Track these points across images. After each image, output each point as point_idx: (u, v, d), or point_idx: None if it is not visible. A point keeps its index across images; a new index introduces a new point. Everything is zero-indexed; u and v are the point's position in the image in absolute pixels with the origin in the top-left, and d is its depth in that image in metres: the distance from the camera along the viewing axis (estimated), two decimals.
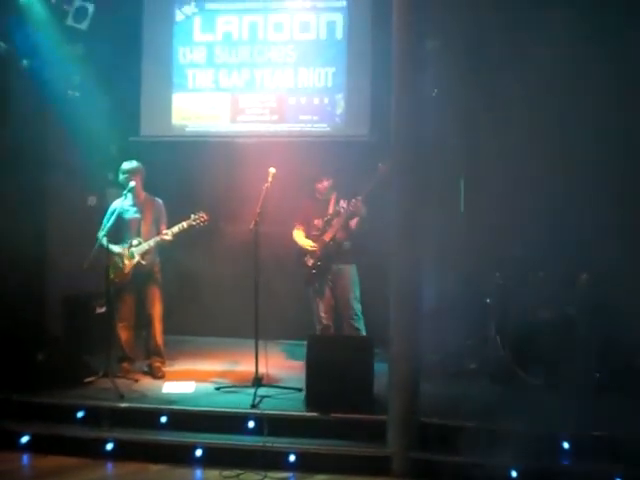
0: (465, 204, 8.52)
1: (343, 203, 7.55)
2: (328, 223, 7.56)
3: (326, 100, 9.00)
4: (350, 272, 7.62)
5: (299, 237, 7.67)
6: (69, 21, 8.29)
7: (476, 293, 8.01)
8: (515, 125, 7.97)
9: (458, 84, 8.36)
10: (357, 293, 7.65)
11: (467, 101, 8.44)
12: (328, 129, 8.99)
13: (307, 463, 5.82)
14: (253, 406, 6.27)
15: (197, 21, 9.23)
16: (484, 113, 8.20)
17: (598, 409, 6.29)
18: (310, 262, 7.55)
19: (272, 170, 6.93)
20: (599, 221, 7.58)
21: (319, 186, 7.69)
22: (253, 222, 6.73)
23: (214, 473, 5.74)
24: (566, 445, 5.73)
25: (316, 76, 9.01)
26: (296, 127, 9.04)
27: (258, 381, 6.66)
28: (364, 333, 7.47)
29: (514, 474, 5.55)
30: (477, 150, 8.37)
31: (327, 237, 7.52)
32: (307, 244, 7.58)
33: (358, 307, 7.63)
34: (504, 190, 7.81)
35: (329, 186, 7.69)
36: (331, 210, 7.64)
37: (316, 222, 7.63)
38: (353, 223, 7.48)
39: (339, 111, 8.97)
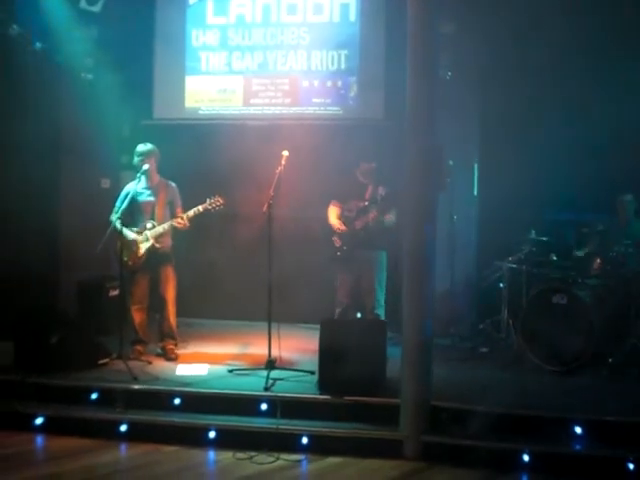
0: (479, 188, 8.51)
1: (382, 190, 7.48)
2: (364, 211, 7.50)
3: (339, 83, 8.97)
4: (377, 259, 7.58)
5: (332, 215, 7.63)
6: (82, 4, 8.30)
7: (489, 278, 8.02)
8: (531, 112, 7.95)
9: (473, 68, 8.35)
10: (383, 281, 7.62)
11: (482, 86, 8.43)
12: (341, 112, 8.96)
13: (319, 445, 5.84)
14: (266, 389, 6.28)
15: (210, 4, 9.21)
16: (499, 99, 8.19)
17: (610, 394, 6.28)
18: (338, 243, 7.53)
19: (285, 153, 6.89)
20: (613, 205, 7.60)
21: (365, 166, 7.62)
22: (266, 205, 6.72)
23: (227, 455, 5.77)
24: (578, 430, 5.70)
25: (329, 59, 8.98)
26: (309, 110, 9.02)
27: (271, 364, 6.67)
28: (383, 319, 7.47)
29: (526, 458, 5.54)
30: (492, 135, 8.35)
31: (358, 225, 7.48)
32: (336, 224, 7.55)
33: (381, 295, 7.61)
34: (519, 175, 7.78)
35: (373, 169, 7.62)
36: (368, 196, 7.59)
37: (352, 203, 7.59)
38: (388, 218, 7.41)
39: (352, 94, 8.94)
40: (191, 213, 7.10)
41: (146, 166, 7.12)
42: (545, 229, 7.67)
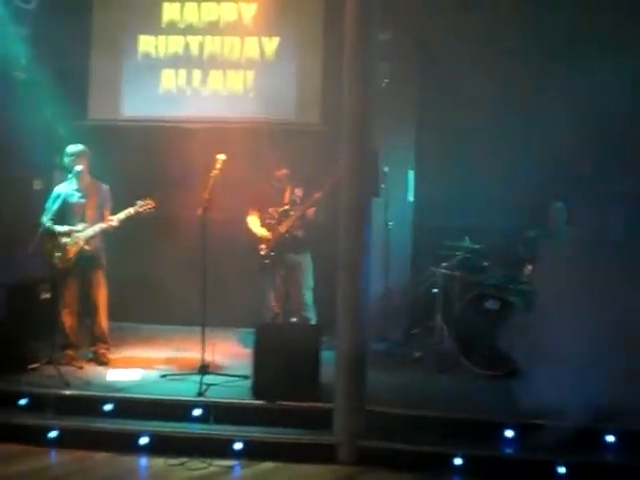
0: (415, 195, 8.60)
1: (299, 192, 7.55)
2: (285, 214, 7.54)
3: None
4: (304, 261, 7.65)
5: (254, 224, 7.65)
6: (16, 1, 8.13)
7: (423, 283, 8.10)
8: (465, 118, 8.06)
9: (410, 75, 8.43)
10: (310, 283, 7.68)
11: (418, 93, 8.53)
12: (280, 117, 8.96)
13: (253, 451, 5.82)
14: (199, 394, 6.25)
15: (149, 9, 9.16)
16: (434, 105, 8.30)
17: (542, 397, 6.38)
18: (264, 251, 7.54)
19: (221, 157, 6.86)
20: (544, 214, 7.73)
21: (278, 173, 7.68)
22: (201, 209, 6.69)
23: (159, 461, 5.71)
24: (510, 433, 5.80)
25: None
26: (247, 114, 8.99)
27: (204, 369, 6.62)
28: (314, 322, 7.49)
29: (459, 461, 5.61)
30: (427, 142, 8.45)
31: (283, 228, 7.52)
32: (261, 233, 7.57)
33: (310, 297, 7.66)
34: (454, 182, 7.88)
35: (287, 174, 7.67)
36: (287, 200, 7.62)
37: (271, 210, 7.62)
38: (310, 212, 7.48)
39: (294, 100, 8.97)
40: (122, 215, 7.01)
41: (78, 167, 7.01)
42: (479, 236, 7.77)
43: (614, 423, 5.73)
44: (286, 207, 7.58)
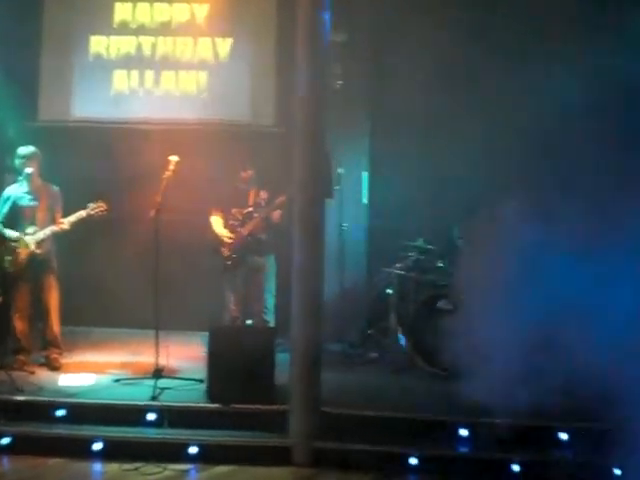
0: (369, 197, 8.62)
1: (264, 195, 7.51)
2: (249, 216, 7.50)
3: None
4: (267, 265, 7.60)
5: (217, 225, 7.59)
6: None
7: (378, 284, 8.14)
8: (419, 120, 8.12)
9: (364, 77, 8.46)
10: (272, 286, 7.64)
11: (372, 95, 8.56)
12: (232, 119, 8.94)
13: (208, 455, 5.77)
14: (153, 398, 6.19)
15: (99, 10, 9.07)
16: (389, 107, 8.33)
17: (496, 397, 6.43)
18: (225, 253, 7.49)
19: (174, 158, 6.81)
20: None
21: (243, 175, 7.63)
22: (154, 211, 6.63)
23: (114, 466, 5.64)
24: (465, 432, 5.86)
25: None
26: (201, 115, 8.95)
27: (158, 372, 6.57)
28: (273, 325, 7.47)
29: (414, 461, 5.65)
30: (381, 144, 8.48)
31: (246, 231, 7.48)
32: (224, 234, 7.51)
33: (271, 301, 7.62)
34: (408, 184, 7.92)
35: (252, 176, 7.63)
36: (251, 201, 7.58)
37: (235, 211, 7.57)
38: (276, 216, 7.43)
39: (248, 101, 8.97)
40: (73, 218, 6.94)
41: (29, 170, 6.93)
42: (433, 237, 7.82)
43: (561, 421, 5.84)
44: (250, 209, 7.54)
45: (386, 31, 8.24)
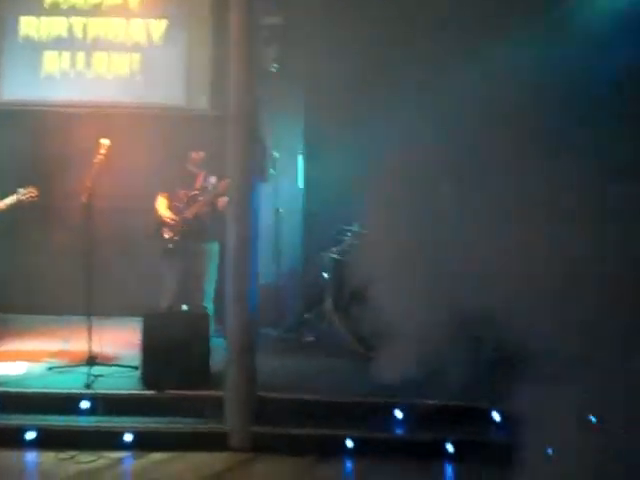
0: (305, 181, 8.62)
1: (213, 179, 7.40)
2: (194, 199, 7.38)
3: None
4: (209, 251, 7.47)
5: (161, 205, 7.44)
6: None
7: (314, 269, 8.15)
8: (354, 103, 8.12)
9: (300, 61, 8.43)
10: (213, 273, 7.49)
11: (308, 79, 8.54)
12: (167, 102, 8.84)
13: (144, 442, 5.72)
14: (87, 386, 6.11)
15: None
16: (324, 90, 8.32)
17: (431, 378, 6.52)
18: (167, 235, 7.39)
19: (105, 142, 6.68)
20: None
21: (194, 156, 7.47)
22: (85, 196, 6.52)
23: (49, 455, 5.56)
24: (399, 414, 5.93)
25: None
26: (135, 98, 8.83)
27: (92, 360, 6.47)
28: (211, 312, 7.39)
29: (350, 444, 5.68)
30: (317, 128, 8.47)
31: (189, 214, 7.34)
32: (167, 215, 7.37)
33: (211, 288, 7.50)
34: (343, 168, 7.92)
35: (203, 158, 7.48)
36: (198, 185, 7.48)
37: (181, 193, 7.43)
38: (221, 203, 7.32)
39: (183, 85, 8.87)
40: (2, 205, 6.78)
41: None
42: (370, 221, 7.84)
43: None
44: (196, 192, 7.43)
45: (322, 14, 8.20)
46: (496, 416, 5.90)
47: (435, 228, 6.15)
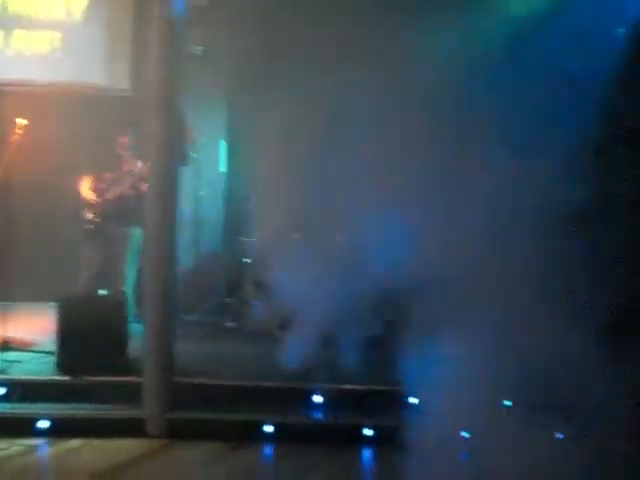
0: (227, 165, 8.56)
1: (140, 163, 7.30)
2: (117, 181, 7.29)
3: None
4: (131, 235, 7.40)
5: (83, 187, 7.34)
6: None
7: (235, 253, 8.12)
8: (277, 88, 8.07)
9: (224, 44, 8.35)
10: (134, 258, 7.43)
11: (232, 62, 8.45)
12: (90, 81, 8.67)
13: (60, 428, 5.64)
14: (1, 371, 6.00)
15: None
16: (247, 74, 8.26)
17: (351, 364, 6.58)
18: (88, 216, 7.26)
19: (21, 121, 6.52)
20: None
21: (120, 140, 7.42)
22: None
23: None
24: (318, 398, 5.98)
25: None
26: (55, 77, 8.62)
27: (5, 345, 6.36)
28: (131, 298, 7.31)
29: (270, 429, 5.71)
30: (240, 112, 8.40)
31: (111, 195, 7.26)
32: (88, 195, 7.27)
33: (131, 272, 7.44)
34: (266, 152, 7.90)
35: (129, 142, 7.43)
36: (125, 168, 7.38)
37: (107, 175, 7.35)
38: (144, 186, 7.21)
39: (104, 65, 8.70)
40: None
41: None
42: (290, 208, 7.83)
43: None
44: (119, 174, 7.34)
45: None
46: (413, 400, 5.98)
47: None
